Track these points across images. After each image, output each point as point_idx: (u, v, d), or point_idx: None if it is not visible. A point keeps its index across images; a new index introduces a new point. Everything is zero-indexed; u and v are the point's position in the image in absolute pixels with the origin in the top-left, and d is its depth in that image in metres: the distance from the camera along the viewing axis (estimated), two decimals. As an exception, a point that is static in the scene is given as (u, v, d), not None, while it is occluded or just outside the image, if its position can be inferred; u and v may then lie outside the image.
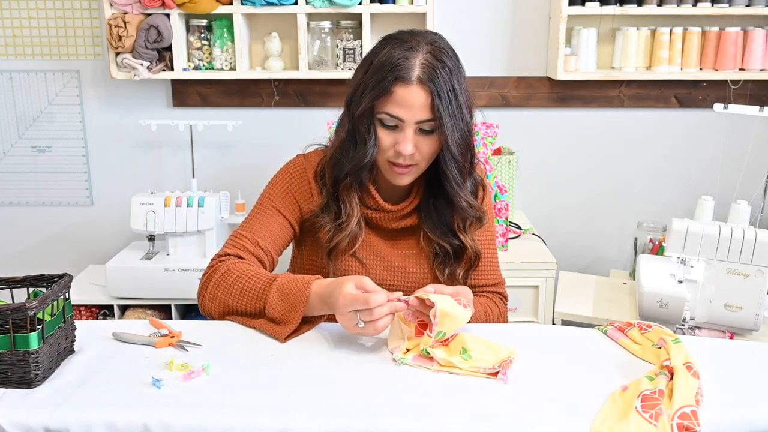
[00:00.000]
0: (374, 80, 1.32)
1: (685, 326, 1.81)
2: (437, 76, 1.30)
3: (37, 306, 1.08)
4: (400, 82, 1.30)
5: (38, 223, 2.93)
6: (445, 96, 1.30)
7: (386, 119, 1.33)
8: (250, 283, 1.32)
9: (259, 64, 2.68)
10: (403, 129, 1.33)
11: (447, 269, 1.46)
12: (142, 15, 2.54)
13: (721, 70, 2.58)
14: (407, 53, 1.31)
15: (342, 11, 2.53)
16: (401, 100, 1.30)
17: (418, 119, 1.31)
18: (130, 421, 0.99)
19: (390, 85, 1.30)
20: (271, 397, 1.05)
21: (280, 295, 1.28)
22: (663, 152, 2.82)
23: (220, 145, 2.83)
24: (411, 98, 1.30)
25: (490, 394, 1.07)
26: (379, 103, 1.32)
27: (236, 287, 1.33)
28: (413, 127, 1.32)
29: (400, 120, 1.32)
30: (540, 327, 1.41)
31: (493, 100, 2.75)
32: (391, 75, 1.30)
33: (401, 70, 1.29)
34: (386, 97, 1.31)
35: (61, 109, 2.82)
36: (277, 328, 1.26)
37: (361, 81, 1.36)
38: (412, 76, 1.29)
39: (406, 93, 1.30)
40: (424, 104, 1.30)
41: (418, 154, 1.35)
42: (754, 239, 1.75)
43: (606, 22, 2.63)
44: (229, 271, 1.36)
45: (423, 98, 1.30)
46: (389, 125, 1.34)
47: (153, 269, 2.46)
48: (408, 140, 1.32)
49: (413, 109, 1.30)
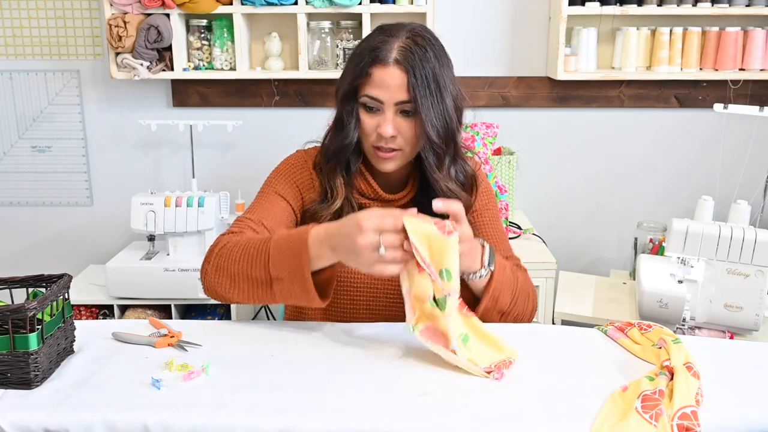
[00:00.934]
0: (353, 64, 1.37)
1: (685, 326, 1.81)
2: (414, 57, 1.32)
3: (37, 306, 1.08)
4: (378, 64, 1.33)
5: (38, 223, 2.93)
6: (421, 78, 1.32)
7: (367, 102, 1.36)
8: (251, 245, 1.28)
9: (259, 64, 2.68)
10: (383, 111, 1.35)
11: None
12: (142, 15, 2.54)
13: (721, 70, 2.58)
14: (386, 38, 1.35)
15: (342, 11, 2.53)
16: (379, 81, 1.33)
17: (397, 100, 1.33)
18: (129, 422, 0.99)
19: (368, 67, 1.33)
20: (271, 398, 1.05)
21: (280, 249, 1.23)
22: (663, 152, 2.82)
23: (220, 145, 2.83)
24: (388, 79, 1.32)
25: (490, 395, 1.07)
26: (360, 86, 1.36)
27: (238, 252, 1.29)
28: (393, 109, 1.34)
29: (379, 102, 1.34)
30: (540, 327, 1.41)
31: (493, 100, 2.75)
32: (369, 58, 1.34)
33: (379, 52, 1.33)
34: (365, 79, 1.34)
35: (61, 109, 2.82)
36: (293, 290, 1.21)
37: (345, 69, 1.41)
38: (389, 58, 1.33)
39: (384, 74, 1.33)
40: (401, 85, 1.32)
41: (400, 138, 1.36)
42: (754, 239, 1.75)
43: (606, 22, 2.63)
44: (232, 241, 1.32)
45: (400, 78, 1.32)
46: (371, 108, 1.36)
47: (153, 269, 2.46)
48: (388, 122, 1.34)
49: (391, 89, 1.33)
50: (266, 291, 1.25)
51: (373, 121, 1.36)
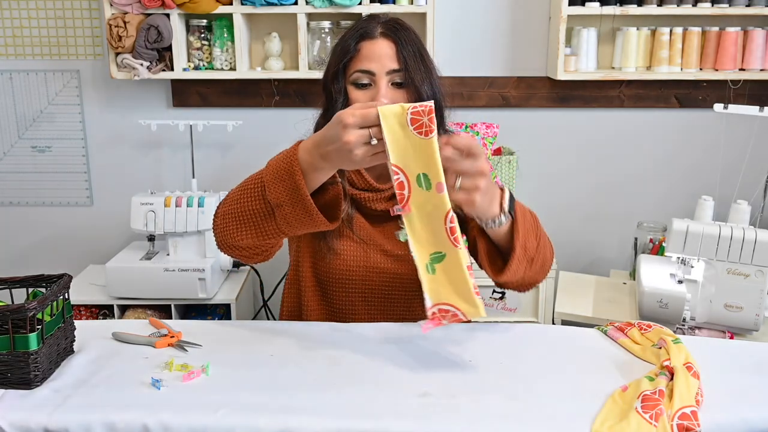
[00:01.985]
0: (340, 47, 1.41)
1: (685, 326, 1.81)
2: (399, 31, 1.39)
3: (37, 306, 1.08)
4: (365, 39, 1.38)
5: (38, 223, 2.93)
6: (408, 48, 1.38)
7: (359, 78, 1.38)
8: (247, 183, 1.29)
9: (259, 64, 2.68)
10: (376, 83, 1.37)
11: None
12: (142, 15, 2.54)
13: (721, 70, 2.58)
14: (368, 21, 1.42)
15: (342, 11, 2.53)
16: (369, 54, 1.37)
17: (389, 69, 1.37)
18: (129, 422, 0.99)
19: (355, 44, 1.38)
20: (271, 398, 1.05)
21: (273, 174, 1.21)
22: (663, 152, 2.82)
23: (220, 145, 2.83)
24: (378, 50, 1.37)
25: (490, 395, 1.07)
26: (349, 65, 1.39)
27: (237, 193, 1.29)
28: (385, 80, 1.37)
29: (371, 74, 1.37)
30: (540, 327, 1.41)
31: (493, 100, 2.75)
32: (355, 36, 1.39)
33: (363, 30, 1.39)
34: (354, 55, 1.38)
35: (61, 109, 2.82)
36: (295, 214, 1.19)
37: (329, 58, 1.44)
38: (375, 33, 1.39)
39: (373, 46, 1.38)
40: (391, 55, 1.37)
41: None
42: (754, 239, 1.75)
43: (606, 22, 2.63)
44: (232, 189, 1.33)
45: (389, 48, 1.37)
46: (362, 83, 1.38)
47: (153, 269, 2.46)
48: (382, 90, 1.36)
49: (382, 59, 1.37)
50: (270, 222, 1.23)
51: (366, 96, 1.38)
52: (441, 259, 1.13)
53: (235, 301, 2.53)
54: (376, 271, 1.44)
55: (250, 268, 2.79)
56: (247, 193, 1.26)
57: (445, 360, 1.18)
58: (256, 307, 2.90)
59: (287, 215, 1.20)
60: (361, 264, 1.44)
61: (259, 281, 2.80)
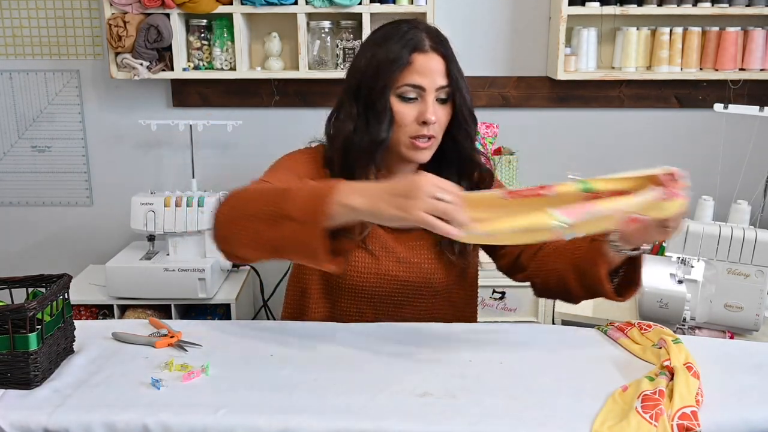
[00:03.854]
0: (386, 55, 1.34)
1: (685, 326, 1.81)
2: (444, 45, 1.37)
3: (37, 306, 1.08)
4: (418, 51, 1.33)
5: (38, 223, 2.93)
6: (454, 63, 1.37)
7: (407, 91, 1.34)
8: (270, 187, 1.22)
9: (259, 64, 2.68)
10: (424, 98, 1.35)
11: (457, 247, 1.45)
12: (142, 15, 2.54)
13: (721, 70, 2.58)
14: (411, 28, 1.36)
15: (342, 11, 2.53)
16: (421, 68, 1.33)
17: (438, 85, 1.35)
18: (129, 422, 0.99)
19: (408, 55, 1.33)
20: (271, 398, 1.05)
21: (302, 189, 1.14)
22: (663, 152, 2.81)
23: (220, 145, 2.83)
24: (430, 65, 1.34)
25: (490, 395, 1.07)
26: (399, 76, 1.34)
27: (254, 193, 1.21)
28: (433, 95, 1.35)
29: (421, 89, 1.34)
30: (540, 327, 1.41)
31: (493, 100, 2.75)
32: (407, 47, 1.33)
33: (415, 41, 1.34)
34: (406, 68, 1.33)
35: (61, 109, 2.82)
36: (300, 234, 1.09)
37: (370, 62, 1.37)
38: (426, 45, 1.34)
39: (426, 60, 1.34)
40: (441, 71, 1.35)
41: (437, 125, 1.37)
42: (754, 239, 1.75)
43: (606, 22, 2.63)
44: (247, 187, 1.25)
45: (440, 64, 1.35)
46: (409, 98, 1.35)
47: (153, 269, 2.46)
48: (430, 107, 1.34)
49: (433, 75, 1.34)
50: (272, 227, 1.12)
51: (413, 111, 1.35)
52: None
53: (235, 301, 2.53)
54: (387, 279, 1.42)
55: (250, 268, 2.79)
56: (264, 195, 1.18)
57: (445, 360, 1.18)
58: (256, 307, 2.89)
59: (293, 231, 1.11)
60: (373, 272, 1.41)
61: (259, 281, 2.80)
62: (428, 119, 1.34)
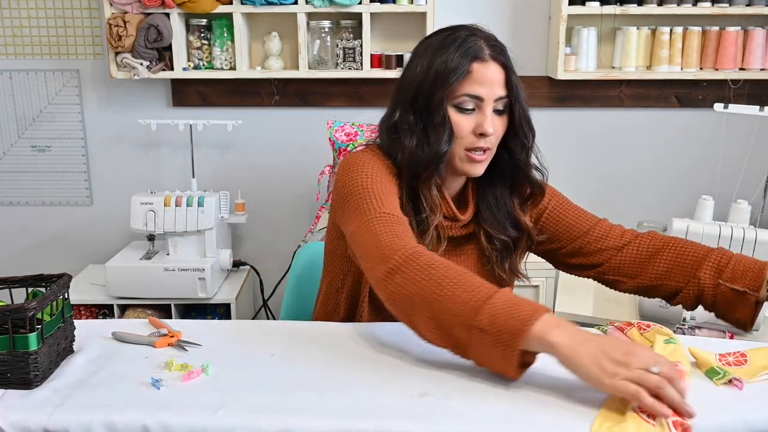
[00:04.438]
0: (447, 64, 1.29)
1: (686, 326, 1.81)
2: (504, 54, 1.32)
3: (36, 306, 1.08)
4: (478, 60, 1.29)
5: (38, 223, 2.93)
6: (514, 73, 1.32)
7: (465, 102, 1.30)
8: (466, 279, 1.10)
9: (259, 64, 2.68)
10: (482, 109, 1.30)
11: (507, 263, 1.42)
12: (142, 14, 2.54)
13: (721, 69, 2.58)
14: (470, 35, 1.32)
15: (342, 11, 2.53)
16: (480, 77, 1.29)
17: (497, 96, 1.30)
18: (129, 422, 0.99)
19: (467, 64, 1.29)
20: (271, 398, 1.05)
21: (504, 306, 1.05)
22: (663, 152, 2.81)
23: (220, 145, 2.83)
24: (490, 75, 1.29)
25: (490, 395, 1.07)
26: (458, 87, 1.29)
27: (442, 274, 1.11)
28: (491, 106, 1.30)
29: (479, 100, 1.30)
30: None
31: (493, 99, 2.75)
32: (466, 55, 1.29)
33: (474, 49, 1.29)
34: (465, 77, 1.29)
35: (61, 109, 2.82)
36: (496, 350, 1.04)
37: (427, 71, 1.31)
38: (486, 54, 1.30)
39: (485, 70, 1.29)
40: (500, 81, 1.30)
41: (494, 137, 1.33)
42: (754, 239, 1.75)
43: (606, 22, 2.63)
44: (433, 259, 1.13)
45: (499, 74, 1.30)
46: (467, 108, 1.31)
47: (153, 269, 2.46)
48: (488, 119, 1.30)
49: (492, 85, 1.30)
50: (461, 330, 1.06)
51: (470, 122, 1.31)
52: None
53: (235, 301, 2.54)
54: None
55: (250, 268, 2.79)
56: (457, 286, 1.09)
57: (445, 360, 1.18)
58: (256, 306, 2.90)
59: (480, 342, 1.05)
60: None
61: (259, 281, 2.80)
62: (486, 131, 1.29)
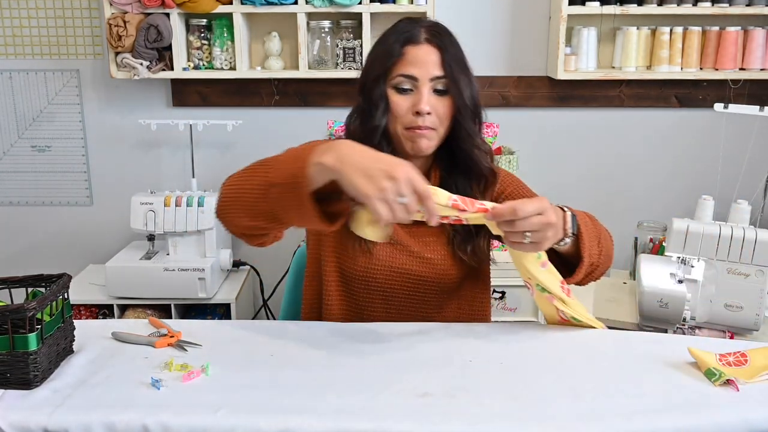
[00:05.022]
0: (384, 49, 1.40)
1: (686, 326, 1.81)
2: (443, 37, 1.38)
3: (36, 306, 1.08)
4: (410, 43, 1.37)
5: (38, 223, 2.93)
6: (452, 55, 1.37)
7: (401, 82, 1.37)
8: (259, 160, 1.29)
9: (259, 64, 2.68)
10: (418, 89, 1.37)
11: (469, 246, 1.46)
12: (142, 14, 2.54)
13: (721, 69, 2.58)
14: (411, 24, 1.41)
15: (342, 11, 2.53)
16: (413, 59, 1.36)
17: (432, 75, 1.36)
18: (129, 422, 0.99)
19: (400, 47, 1.37)
20: (271, 398, 1.05)
21: (285, 155, 1.20)
22: (663, 152, 2.81)
23: (220, 145, 2.83)
24: (422, 55, 1.36)
25: (490, 395, 1.07)
26: (392, 68, 1.37)
27: (246, 168, 1.31)
28: (428, 86, 1.36)
29: (414, 79, 1.36)
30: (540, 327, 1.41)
31: (493, 100, 2.75)
32: (400, 39, 1.38)
33: (409, 34, 1.38)
34: (398, 59, 1.37)
35: (61, 109, 2.82)
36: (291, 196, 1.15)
37: (369, 59, 1.44)
38: (420, 37, 1.37)
39: (418, 51, 1.36)
40: (435, 61, 1.36)
41: (435, 116, 1.37)
42: (755, 239, 1.75)
43: (606, 22, 2.63)
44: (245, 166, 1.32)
45: (434, 55, 1.36)
46: (404, 88, 1.37)
47: (153, 269, 2.46)
48: (424, 97, 1.36)
49: (426, 65, 1.36)
50: (265, 197, 1.20)
51: (407, 101, 1.37)
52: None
53: (235, 301, 2.54)
54: (399, 272, 1.43)
55: (250, 268, 2.79)
56: (253, 168, 1.27)
57: (445, 360, 1.18)
58: (256, 307, 2.90)
59: (281, 197, 1.17)
60: (386, 264, 1.42)
61: (259, 281, 2.80)
62: (421, 109, 1.35)
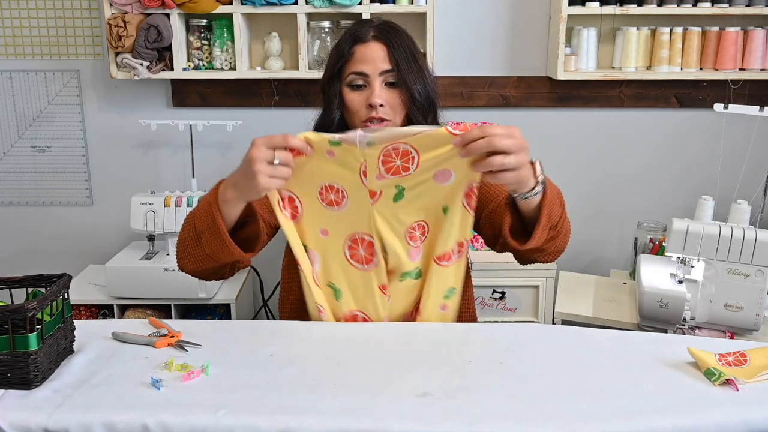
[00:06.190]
0: (335, 51, 1.50)
1: (685, 326, 1.81)
2: (390, 33, 1.47)
3: (36, 307, 1.08)
4: (358, 43, 1.46)
5: (38, 223, 2.93)
6: (400, 50, 1.45)
7: (354, 80, 1.45)
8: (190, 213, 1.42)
9: (259, 64, 2.68)
10: (370, 84, 1.45)
11: None
12: (142, 15, 2.54)
13: (721, 70, 2.58)
14: (361, 25, 1.50)
15: (342, 11, 2.53)
16: (362, 57, 1.45)
17: (381, 70, 1.44)
18: (129, 422, 0.99)
19: (349, 48, 1.46)
20: (271, 398, 1.05)
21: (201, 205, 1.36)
22: (663, 152, 2.81)
23: (220, 145, 2.83)
24: (370, 52, 1.45)
25: (490, 395, 1.07)
26: (344, 68, 1.46)
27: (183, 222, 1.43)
28: (379, 80, 1.44)
29: (365, 75, 1.44)
30: (540, 327, 1.41)
31: (493, 100, 2.75)
32: (349, 40, 1.47)
33: (357, 34, 1.47)
34: (348, 59, 1.46)
35: (61, 109, 2.82)
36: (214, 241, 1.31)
37: (328, 63, 1.52)
38: (368, 36, 1.46)
39: (365, 49, 1.45)
40: (383, 56, 1.44)
41: (388, 108, 1.45)
42: (754, 239, 1.75)
43: (606, 22, 2.63)
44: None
45: (381, 51, 1.45)
46: (357, 85, 1.46)
47: (153, 269, 2.46)
48: (376, 91, 1.43)
49: (374, 61, 1.44)
50: (199, 245, 1.34)
51: (361, 97, 1.45)
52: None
53: (235, 301, 2.53)
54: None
55: (250, 268, 2.79)
56: (186, 222, 1.40)
57: (445, 360, 1.18)
58: (256, 307, 2.90)
59: (209, 242, 1.32)
60: None
61: (259, 281, 2.80)
62: (373, 102, 1.43)
